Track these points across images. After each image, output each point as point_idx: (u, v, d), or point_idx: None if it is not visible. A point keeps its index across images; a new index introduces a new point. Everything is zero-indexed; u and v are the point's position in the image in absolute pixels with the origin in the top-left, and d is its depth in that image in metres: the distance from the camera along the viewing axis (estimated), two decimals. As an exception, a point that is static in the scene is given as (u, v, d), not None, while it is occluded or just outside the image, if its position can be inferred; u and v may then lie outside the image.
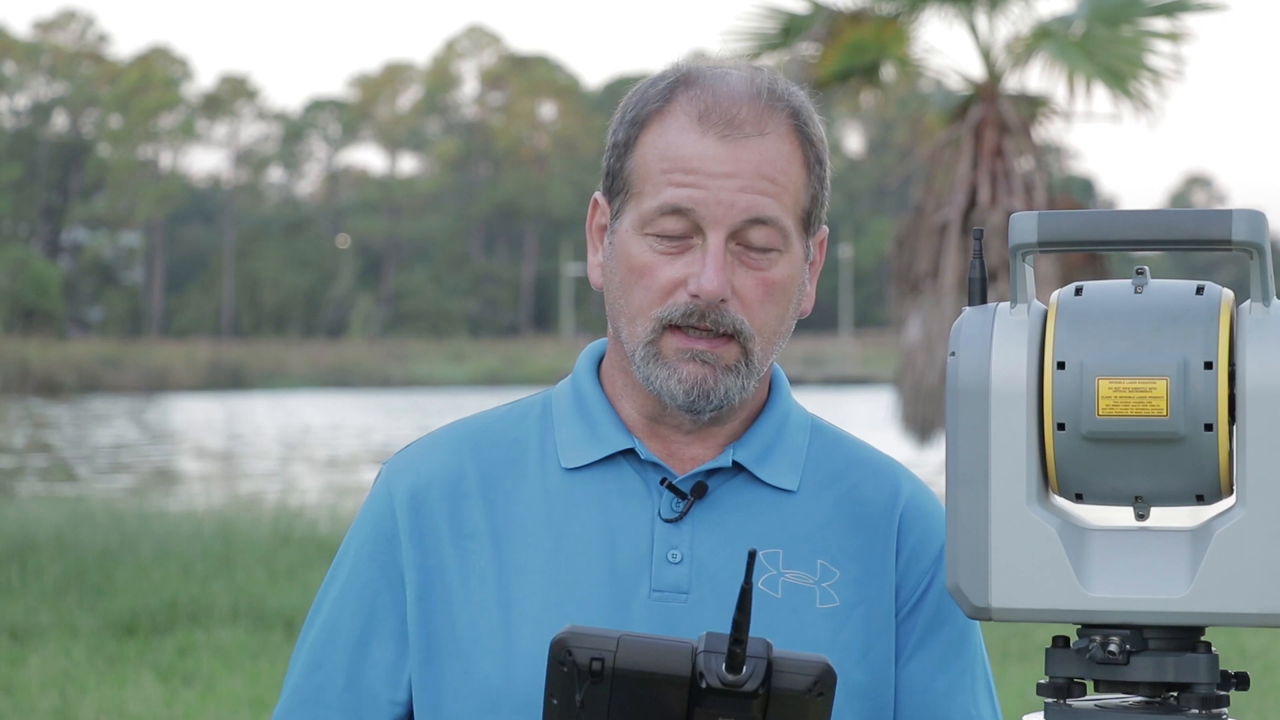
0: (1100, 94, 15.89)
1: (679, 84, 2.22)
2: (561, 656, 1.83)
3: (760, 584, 2.21)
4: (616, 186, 2.23)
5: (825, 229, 2.27)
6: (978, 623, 2.31)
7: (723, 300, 2.16)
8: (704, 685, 1.80)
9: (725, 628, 2.15)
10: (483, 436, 2.30)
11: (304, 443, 39.79)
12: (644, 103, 2.23)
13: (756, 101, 2.20)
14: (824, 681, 1.82)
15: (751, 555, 1.79)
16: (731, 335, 2.18)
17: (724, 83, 2.21)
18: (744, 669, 1.80)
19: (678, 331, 2.18)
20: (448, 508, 2.25)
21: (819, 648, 2.18)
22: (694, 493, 2.23)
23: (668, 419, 2.24)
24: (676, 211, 2.17)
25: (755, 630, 2.16)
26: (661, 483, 2.23)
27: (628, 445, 2.24)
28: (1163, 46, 15.94)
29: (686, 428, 2.24)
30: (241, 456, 36.12)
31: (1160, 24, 16.06)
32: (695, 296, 2.16)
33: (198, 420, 49.94)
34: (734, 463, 2.24)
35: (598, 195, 2.28)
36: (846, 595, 2.23)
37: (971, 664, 2.30)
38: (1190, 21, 15.69)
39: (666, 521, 2.22)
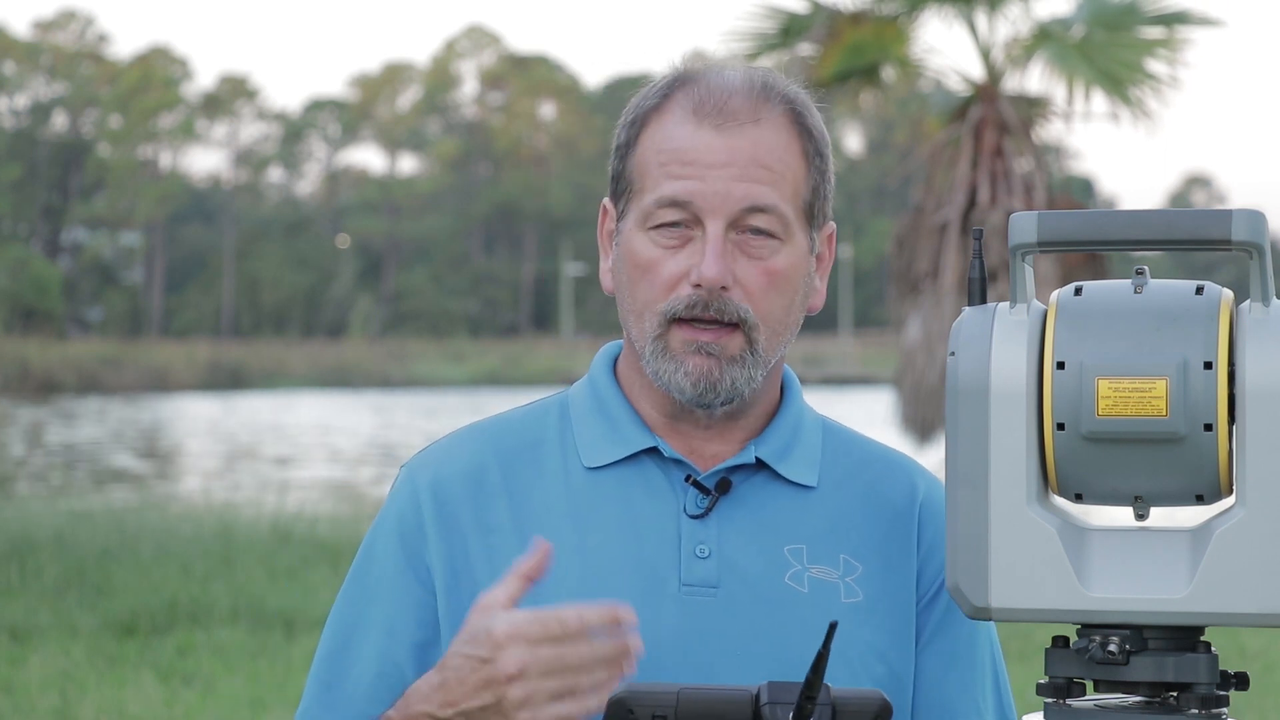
0: (1099, 96, 15.90)
1: (676, 83, 2.25)
2: (621, 714, 1.84)
3: (786, 579, 2.23)
4: (620, 188, 2.26)
5: (832, 225, 2.29)
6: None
7: (724, 289, 2.18)
8: None
9: (754, 622, 2.20)
10: (502, 436, 2.32)
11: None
12: (642, 103, 2.26)
13: (750, 91, 2.23)
14: (881, 716, 1.84)
15: (832, 627, 1.81)
16: (736, 324, 2.19)
17: (720, 77, 2.24)
18: None
19: (684, 324, 2.20)
20: (471, 501, 2.27)
21: (843, 642, 2.20)
22: (718, 489, 2.25)
23: (686, 416, 2.26)
24: (675, 204, 2.19)
25: (783, 623, 2.20)
26: (686, 479, 2.25)
27: (650, 444, 2.26)
28: (1161, 53, 15.94)
29: (705, 424, 2.26)
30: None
31: (1158, 32, 16.07)
32: (697, 286, 2.18)
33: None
34: (756, 459, 2.26)
35: (606, 202, 2.30)
36: (870, 589, 2.26)
37: (981, 661, 2.32)
38: (1188, 32, 15.63)
39: (692, 518, 2.24)
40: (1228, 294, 1.99)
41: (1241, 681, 1.99)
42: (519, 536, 2.24)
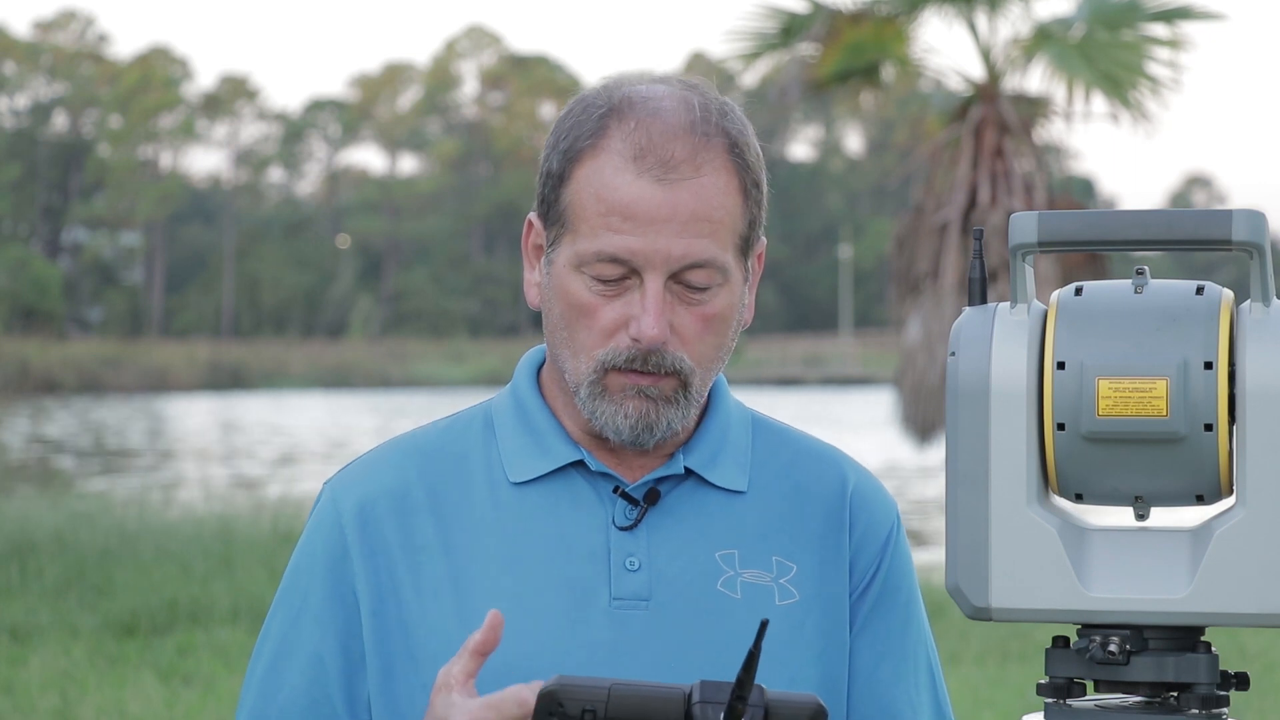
0: (1100, 97, 15.90)
1: (611, 115, 2.18)
2: (551, 707, 1.84)
3: (719, 586, 2.21)
4: (552, 217, 2.21)
5: (763, 241, 2.25)
6: (921, 608, 2.34)
7: (663, 343, 2.16)
8: None
9: (687, 633, 2.18)
10: (426, 451, 2.28)
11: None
12: (577, 134, 2.19)
13: (691, 136, 2.15)
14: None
15: (763, 625, 1.80)
16: (673, 372, 2.17)
17: (658, 117, 2.16)
18: None
19: (621, 371, 2.17)
20: (396, 522, 2.23)
21: (781, 644, 2.19)
22: (647, 499, 2.22)
23: None
24: (615, 260, 2.15)
25: (716, 632, 2.19)
26: (614, 491, 2.22)
27: (576, 457, 2.23)
28: (1161, 53, 15.94)
29: None
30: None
31: (1159, 30, 16.06)
32: (636, 341, 2.15)
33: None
34: (685, 469, 2.24)
35: (532, 216, 2.26)
36: (806, 588, 2.24)
37: (914, 651, 2.31)
38: (1189, 28, 15.66)
39: (621, 529, 2.21)
40: (1228, 294, 1.99)
41: (1241, 681, 1.99)
42: (446, 556, 2.21)
